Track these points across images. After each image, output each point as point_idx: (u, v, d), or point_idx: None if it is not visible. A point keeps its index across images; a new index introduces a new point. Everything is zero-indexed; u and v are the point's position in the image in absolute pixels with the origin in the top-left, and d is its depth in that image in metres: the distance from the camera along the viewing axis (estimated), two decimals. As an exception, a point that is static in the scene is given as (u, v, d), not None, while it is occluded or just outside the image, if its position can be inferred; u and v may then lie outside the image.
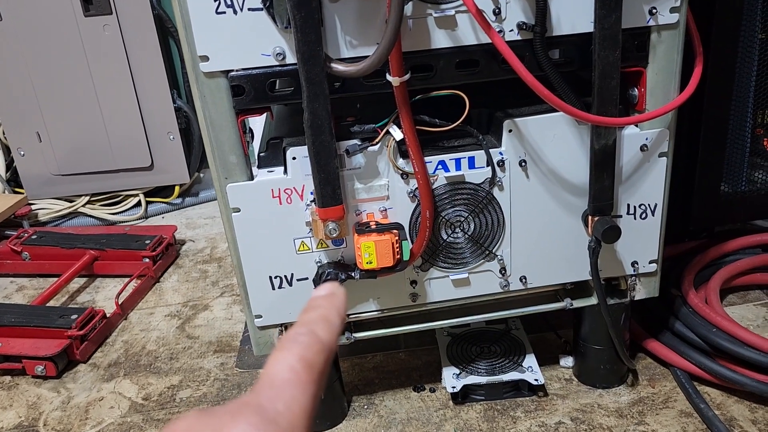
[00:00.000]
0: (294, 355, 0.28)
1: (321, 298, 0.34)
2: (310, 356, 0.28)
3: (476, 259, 0.90)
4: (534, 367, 1.03)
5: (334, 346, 0.31)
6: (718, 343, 1.01)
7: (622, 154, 0.86)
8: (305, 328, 0.30)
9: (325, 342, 0.30)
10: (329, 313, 0.32)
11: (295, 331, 0.30)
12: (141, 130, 1.77)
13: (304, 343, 0.29)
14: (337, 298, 0.34)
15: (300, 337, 0.29)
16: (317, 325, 0.31)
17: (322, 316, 0.32)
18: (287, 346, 0.29)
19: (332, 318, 0.32)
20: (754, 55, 1.18)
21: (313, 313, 0.32)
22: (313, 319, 0.31)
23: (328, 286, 0.35)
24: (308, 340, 0.29)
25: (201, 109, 0.78)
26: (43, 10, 1.62)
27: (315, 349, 0.29)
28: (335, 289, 0.35)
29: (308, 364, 0.28)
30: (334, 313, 0.32)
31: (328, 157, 0.77)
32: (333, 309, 0.33)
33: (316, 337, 0.30)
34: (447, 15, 0.75)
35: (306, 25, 0.70)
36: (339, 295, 0.34)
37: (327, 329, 0.31)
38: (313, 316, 0.32)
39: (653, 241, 0.92)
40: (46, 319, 1.27)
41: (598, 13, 0.75)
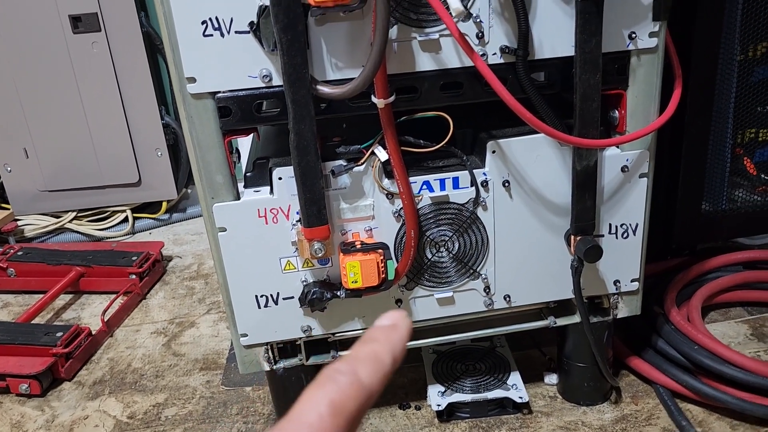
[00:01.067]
0: (325, 397, 0.27)
1: (380, 330, 0.31)
2: (343, 401, 0.27)
3: (461, 278, 0.91)
4: (519, 384, 1.04)
5: (378, 388, 0.29)
6: (699, 360, 1.02)
7: (604, 175, 0.87)
8: (348, 367, 0.28)
9: (366, 385, 0.28)
10: (382, 351, 0.30)
11: (336, 368, 0.28)
12: (129, 146, 1.77)
13: (340, 386, 0.27)
14: (397, 333, 0.31)
15: (338, 377, 0.28)
16: (363, 364, 0.29)
17: (372, 354, 0.30)
18: (322, 385, 0.27)
19: (383, 357, 0.30)
20: (733, 77, 1.21)
21: (365, 348, 0.30)
22: (361, 357, 0.29)
23: (393, 315, 0.32)
24: (346, 381, 0.28)
25: (188, 130, 0.78)
26: (32, 28, 1.63)
27: (350, 393, 0.27)
28: (399, 321, 0.32)
29: (337, 410, 0.26)
30: (388, 350, 0.30)
31: (314, 178, 0.78)
32: (388, 345, 0.30)
33: (356, 378, 0.28)
34: (431, 39, 0.77)
35: (292, 48, 0.71)
36: (401, 330, 0.31)
37: (373, 370, 0.29)
38: (363, 353, 0.30)
39: (635, 260, 0.94)
40: (31, 336, 1.26)
41: (578, 37, 0.77)
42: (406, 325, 0.32)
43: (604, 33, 0.77)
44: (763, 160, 1.33)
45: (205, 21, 0.73)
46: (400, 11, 0.75)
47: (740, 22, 1.17)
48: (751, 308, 1.26)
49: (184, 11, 0.72)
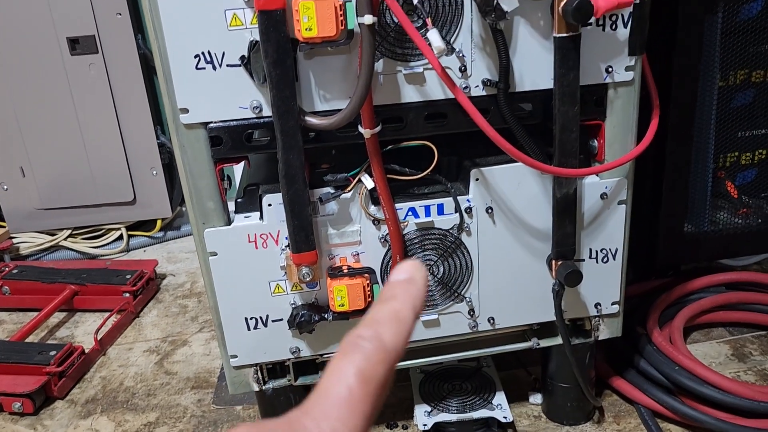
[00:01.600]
0: (352, 367, 0.26)
1: (398, 285, 0.30)
2: (370, 368, 0.26)
3: (446, 301, 0.93)
4: (503, 404, 1.06)
5: (402, 349, 0.28)
6: (680, 381, 1.05)
7: (584, 202, 0.90)
8: (371, 331, 0.27)
9: (390, 348, 0.27)
10: (402, 309, 0.29)
11: (359, 334, 0.28)
12: (124, 165, 1.80)
13: (366, 352, 0.27)
14: (414, 287, 0.30)
15: (363, 343, 0.27)
16: (386, 326, 0.28)
17: (393, 314, 0.28)
18: (347, 354, 0.27)
19: (405, 315, 0.29)
20: (713, 103, 1.24)
21: (384, 307, 0.29)
22: (382, 318, 0.28)
23: (407, 267, 0.31)
24: (371, 347, 0.27)
25: (180, 158, 0.81)
26: (31, 49, 1.66)
27: (377, 358, 0.27)
28: (415, 273, 0.30)
29: (366, 378, 0.26)
30: (409, 307, 0.29)
31: (302, 205, 0.80)
32: (408, 301, 0.29)
33: (381, 343, 0.27)
34: (416, 72, 0.80)
35: (281, 81, 0.74)
36: (418, 282, 0.30)
37: (396, 331, 0.28)
38: (383, 314, 0.28)
39: (615, 284, 0.96)
40: (24, 355, 1.28)
41: (557, 71, 0.80)
42: (422, 275, 0.30)
43: (582, 67, 0.80)
44: (745, 183, 1.36)
45: (197, 55, 0.76)
46: (386, 46, 0.78)
47: (719, 50, 1.21)
48: (733, 329, 1.29)
49: (177, 45, 0.75)
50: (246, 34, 0.75)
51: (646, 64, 0.87)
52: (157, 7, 0.73)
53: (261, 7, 0.70)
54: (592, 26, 0.80)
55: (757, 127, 1.32)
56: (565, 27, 0.77)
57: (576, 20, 0.74)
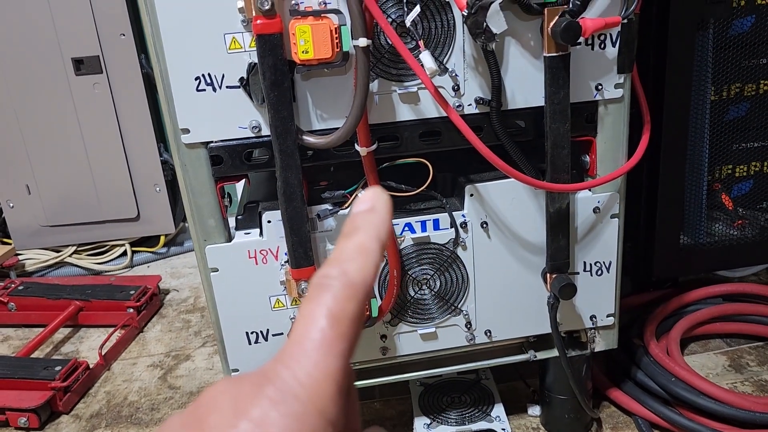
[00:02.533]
0: (322, 309, 0.26)
1: (359, 217, 0.29)
2: (340, 307, 0.26)
3: (442, 315, 0.95)
4: (502, 416, 1.07)
5: (372, 281, 0.27)
6: (676, 392, 1.06)
7: (577, 216, 0.92)
8: (336, 269, 0.27)
9: (358, 283, 0.27)
10: (366, 240, 0.28)
11: (325, 274, 0.27)
12: (128, 182, 1.82)
13: (334, 291, 0.26)
14: (377, 216, 0.29)
15: (330, 281, 0.26)
16: (351, 261, 0.27)
17: (357, 247, 0.28)
18: (315, 296, 0.26)
19: (369, 246, 0.28)
20: (706, 116, 1.26)
21: (347, 243, 0.28)
22: (347, 253, 0.28)
23: (368, 196, 0.30)
24: (338, 285, 0.26)
25: (182, 177, 0.83)
26: (37, 70, 1.69)
27: (346, 295, 0.26)
28: (376, 201, 0.29)
29: (337, 318, 0.26)
30: (373, 237, 0.28)
31: (301, 222, 0.82)
32: (371, 231, 0.28)
33: (348, 279, 0.26)
34: (410, 91, 0.82)
35: (279, 102, 0.76)
36: (380, 211, 0.29)
37: (362, 264, 0.27)
38: (347, 249, 0.28)
39: (609, 296, 0.98)
40: (30, 370, 1.29)
41: (548, 90, 0.82)
42: (384, 202, 0.29)
43: (572, 85, 0.82)
44: (740, 194, 1.38)
45: (198, 77, 0.78)
46: (381, 67, 0.80)
47: (712, 64, 1.23)
48: (730, 340, 1.30)
49: (178, 68, 0.78)
50: (245, 56, 0.78)
51: (637, 80, 0.89)
52: (158, 31, 0.76)
53: (259, 31, 0.73)
54: (581, 45, 0.82)
55: (752, 140, 1.34)
56: (555, 47, 0.79)
57: (565, 40, 0.77)
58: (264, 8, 0.71)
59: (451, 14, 0.79)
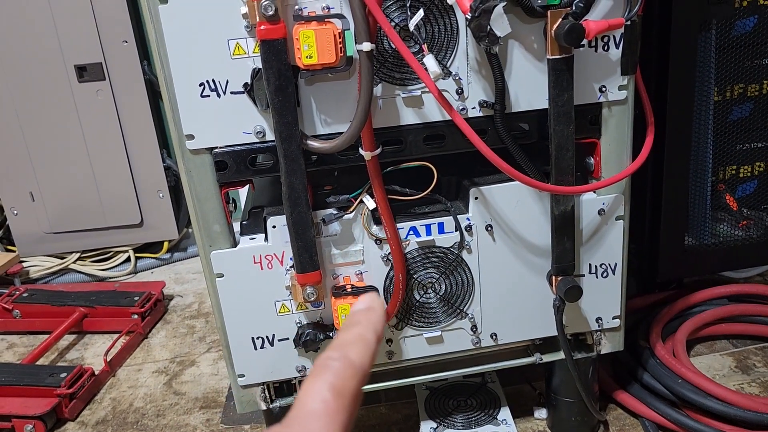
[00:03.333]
0: (325, 384, 0.29)
1: (359, 314, 0.34)
2: (341, 383, 0.29)
3: (448, 318, 0.95)
4: (508, 419, 1.07)
5: (369, 367, 0.31)
6: (683, 394, 1.06)
7: (582, 218, 0.92)
8: (338, 353, 0.31)
9: (358, 366, 0.30)
10: (365, 332, 0.32)
11: (328, 356, 0.31)
12: (131, 188, 1.82)
13: (336, 370, 0.30)
14: (374, 314, 0.34)
15: (332, 363, 0.30)
16: (352, 347, 0.31)
17: (357, 337, 0.32)
18: (319, 374, 0.29)
19: (367, 336, 0.32)
20: (709, 117, 1.26)
21: (348, 333, 0.32)
22: (348, 341, 0.32)
23: (367, 299, 0.35)
24: (340, 365, 0.30)
25: (187, 183, 0.83)
26: (40, 77, 1.70)
27: (347, 374, 0.29)
28: (373, 303, 0.35)
29: (338, 392, 0.29)
30: (371, 330, 0.33)
31: (306, 227, 0.82)
32: (370, 326, 0.33)
33: (349, 361, 0.30)
34: (414, 95, 0.82)
35: (284, 107, 0.76)
36: (377, 310, 0.34)
37: (361, 351, 0.31)
38: (348, 337, 0.32)
39: (615, 298, 0.98)
40: (35, 377, 1.29)
41: (552, 92, 0.82)
42: (380, 304, 0.35)
43: (576, 87, 0.82)
44: (745, 195, 1.37)
45: (202, 83, 0.78)
46: (384, 71, 0.80)
47: (715, 65, 1.23)
48: (736, 341, 1.30)
49: (183, 74, 0.78)
50: (249, 62, 0.78)
51: (640, 82, 0.89)
52: (163, 38, 0.76)
53: (263, 37, 0.73)
54: (584, 48, 0.82)
55: (756, 140, 1.34)
56: (558, 49, 0.79)
57: (568, 42, 0.77)
58: (268, 14, 0.71)
59: (454, 18, 0.79)
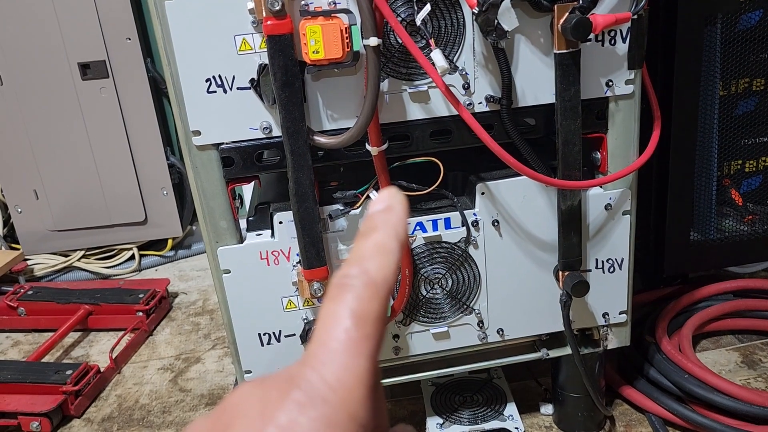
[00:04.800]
0: (345, 309, 0.25)
1: (377, 216, 0.29)
2: (363, 307, 0.25)
3: (455, 314, 0.95)
4: (515, 415, 1.07)
5: (393, 281, 0.27)
6: (690, 389, 1.06)
7: (588, 213, 0.92)
8: (357, 268, 0.27)
9: (380, 281, 0.26)
10: (385, 239, 0.28)
11: (345, 273, 0.27)
12: (135, 186, 1.83)
13: (356, 291, 0.26)
14: (394, 215, 0.29)
15: (351, 281, 0.26)
16: (372, 260, 0.27)
17: (377, 246, 0.28)
18: (336, 296, 0.26)
19: (388, 245, 0.28)
20: (715, 112, 1.26)
21: (366, 242, 0.28)
22: (366, 252, 0.27)
23: (384, 196, 0.30)
24: (360, 284, 0.26)
25: (193, 179, 0.83)
26: (43, 75, 1.70)
27: (368, 295, 0.26)
28: (393, 201, 0.29)
29: (361, 317, 0.25)
30: (392, 236, 0.28)
31: (313, 222, 0.82)
32: (390, 230, 0.28)
33: (369, 278, 0.26)
34: (420, 90, 0.82)
35: (290, 103, 0.76)
36: (397, 210, 0.29)
37: (382, 263, 0.27)
38: (367, 248, 0.28)
39: (622, 293, 0.98)
40: (41, 375, 1.30)
41: (558, 87, 0.82)
42: (400, 201, 0.29)
43: (583, 82, 0.82)
44: (750, 190, 1.37)
45: (209, 79, 0.78)
46: (391, 66, 0.80)
47: (720, 59, 1.23)
48: (742, 336, 1.29)
49: (189, 71, 0.78)
50: (255, 58, 0.78)
51: (646, 77, 0.89)
52: (169, 34, 0.76)
53: (269, 32, 0.73)
54: (591, 42, 0.82)
55: (761, 135, 1.33)
56: (565, 43, 0.79)
57: (575, 37, 0.77)
58: (274, 9, 0.71)
59: (461, 12, 0.79)
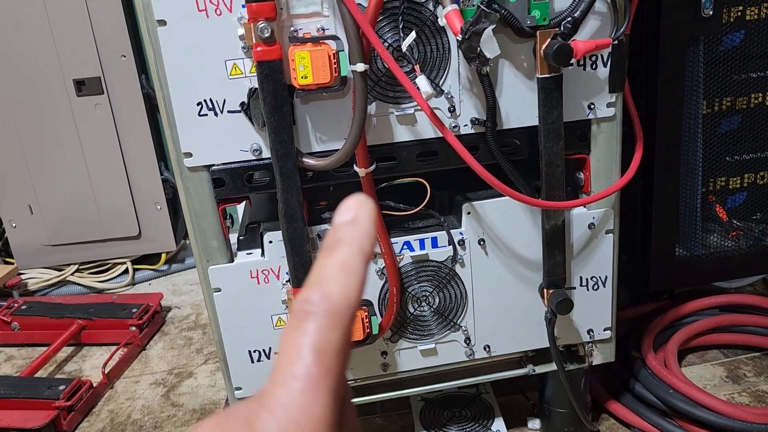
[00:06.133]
0: (304, 342, 0.24)
1: (342, 228, 0.27)
2: (324, 338, 0.24)
3: (442, 331, 0.96)
4: (502, 430, 1.08)
5: (358, 301, 0.25)
6: (674, 404, 1.07)
7: (572, 232, 0.94)
8: (318, 292, 0.25)
9: (343, 308, 0.25)
10: (350, 256, 0.26)
11: (306, 299, 0.25)
12: (129, 201, 1.84)
13: (317, 320, 0.24)
14: (360, 227, 0.26)
15: (312, 308, 0.25)
16: (333, 281, 0.25)
17: (340, 264, 0.25)
18: (296, 327, 0.24)
19: (353, 263, 0.25)
20: (699, 130, 1.28)
21: (329, 259, 0.26)
22: (329, 272, 0.25)
23: (351, 204, 0.27)
24: (321, 312, 0.24)
25: (185, 199, 0.85)
26: (38, 91, 1.72)
27: (329, 324, 0.24)
28: (359, 211, 0.27)
29: (322, 351, 0.24)
30: (356, 251, 0.26)
31: (302, 242, 0.84)
32: (356, 245, 0.26)
33: (330, 304, 0.25)
34: (407, 113, 0.84)
35: (279, 126, 0.78)
36: (364, 222, 0.27)
37: (345, 285, 0.25)
38: (329, 267, 0.26)
39: (606, 310, 0.99)
40: (34, 390, 1.30)
41: (541, 110, 0.84)
42: (368, 212, 0.27)
43: (565, 105, 0.84)
44: (735, 206, 1.39)
45: (200, 102, 0.80)
46: (378, 90, 0.82)
47: (703, 79, 1.25)
48: (727, 351, 1.31)
49: (181, 94, 0.80)
50: (245, 82, 0.80)
51: (629, 98, 0.92)
52: (161, 58, 0.78)
53: (259, 58, 0.75)
54: (573, 66, 0.84)
55: (744, 152, 1.36)
56: (548, 68, 0.81)
57: (557, 62, 0.79)
58: (264, 36, 0.73)
59: (446, 38, 0.81)
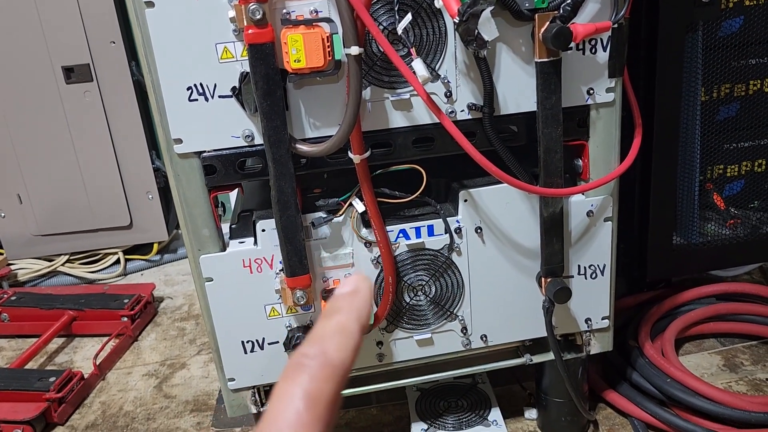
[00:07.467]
0: (298, 390, 0.26)
1: (342, 298, 0.30)
2: (317, 388, 0.26)
3: (438, 320, 0.95)
4: (499, 420, 1.07)
5: (351, 362, 0.28)
6: (671, 393, 1.07)
7: (570, 220, 0.92)
8: (316, 348, 0.27)
9: (337, 363, 0.27)
10: (347, 321, 0.29)
11: (304, 353, 0.27)
12: (120, 190, 1.81)
13: (311, 372, 0.26)
14: (359, 298, 0.30)
15: (308, 361, 0.27)
16: (331, 340, 0.28)
17: (338, 327, 0.28)
18: (292, 376, 0.26)
19: (349, 327, 0.29)
20: (697, 117, 1.27)
21: (328, 323, 0.29)
22: (327, 332, 0.28)
23: (352, 280, 0.31)
24: (316, 366, 0.27)
25: (175, 187, 0.83)
26: (27, 79, 1.68)
27: (323, 376, 0.26)
28: (360, 284, 0.31)
29: (313, 400, 0.26)
30: (353, 318, 0.29)
31: (295, 231, 0.82)
32: (353, 313, 0.29)
33: (326, 359, 0.27)
34: (402, 98, 0.82)
35: (272, 111, 0.76)
36: (363, 293, 0.30)
37: (341, 344, 0.28)
38: (328, 328, 0.29)
39: (604, 299, 0.98)
40: (24, 382, 1.29)
41: (540, 95, 0.82)
42: (367, 287, 0.31)
43: (564, 90, 0.82)
44: (732, 194, 1.38)
45: (190, 87, 0.78)
46: (373, 74, 0.80)
47: (702, 65, 1.24)
48: (724, 339, 1.31)
49: (170, 79, 0.77)
50: (237, 66, 0.77)
51: (628, 84, 0.90)
52: (150, 41, 0.76)
53: (251, 41, 0.73)
54: (572, 51, 0.83)
55: (742, 140, 1.35)
56: (546, 52, 0.79)
57: (555, 46, 0.77)
58: (255, 18, 0.71)
59: (442, 21, 0.79)
